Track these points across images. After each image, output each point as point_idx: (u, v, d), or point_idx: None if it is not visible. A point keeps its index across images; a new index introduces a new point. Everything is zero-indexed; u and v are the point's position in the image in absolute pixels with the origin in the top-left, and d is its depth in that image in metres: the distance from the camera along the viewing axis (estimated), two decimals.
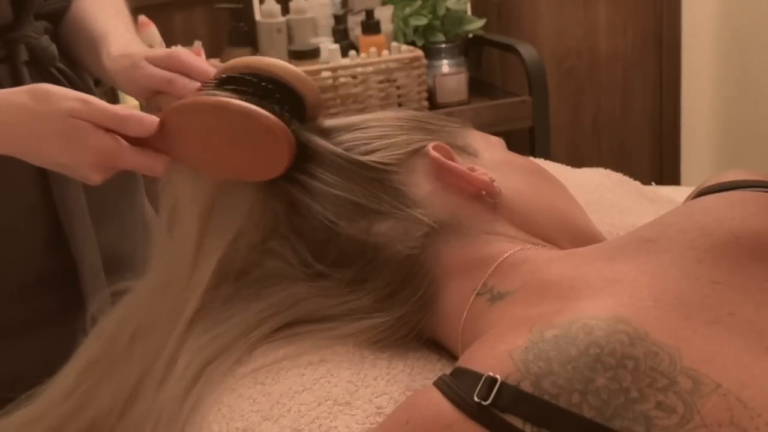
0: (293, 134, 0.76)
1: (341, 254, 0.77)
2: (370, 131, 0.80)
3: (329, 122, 0.83)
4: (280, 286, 0.79)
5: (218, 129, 0.76)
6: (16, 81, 0.97)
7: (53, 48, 1.01)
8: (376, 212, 0.76)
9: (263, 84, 0.78)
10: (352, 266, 0.77)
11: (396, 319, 0.76)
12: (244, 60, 0.80)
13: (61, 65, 1.03)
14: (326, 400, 0.70)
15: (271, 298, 0.78)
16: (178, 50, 0.88)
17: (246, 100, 0.75)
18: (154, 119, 0.78)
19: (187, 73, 0.86)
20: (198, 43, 1.95)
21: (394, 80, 1.98)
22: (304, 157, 0.78)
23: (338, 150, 0.78)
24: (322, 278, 0.78)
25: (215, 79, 0.80)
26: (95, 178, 0.81)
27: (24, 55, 0.99)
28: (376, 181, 0.77)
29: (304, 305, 0.78)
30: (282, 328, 0.78)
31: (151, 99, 0.89)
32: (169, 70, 0.87)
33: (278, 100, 0.77)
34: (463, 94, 2.14)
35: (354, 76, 1.95)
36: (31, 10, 1.00)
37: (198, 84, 0.84)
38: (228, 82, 0.79)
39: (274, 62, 0.78)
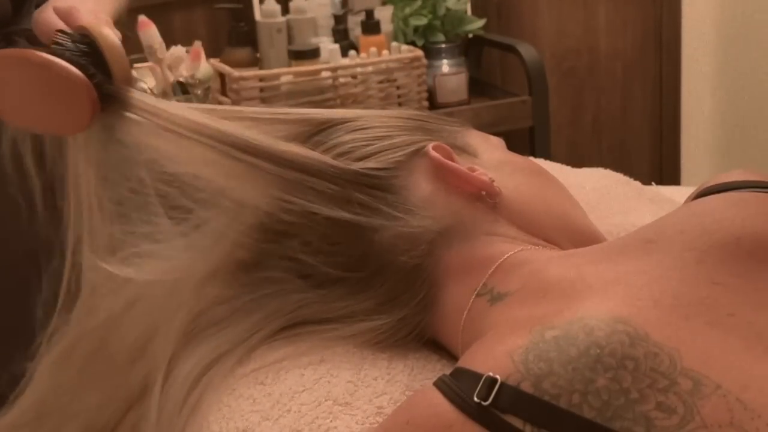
0: (96, 88, 0.77)
1: (343, 275, 0.77)
2: (370, 131, 0.80)
3: (329, 114, 0.82)
4: (280, 293, 0.79)
5: (25, 81, 0.78)
6: None
7: None
8: (376, 219, 0.75)
9: (81, 45, 0.79)
10: (354, 278, 0.77)
11: (397, 321, 0.76)
12: (88, 22, 0.82)
13: None
14: (326, 400, 0.70)
15: (272, 305, 0.78)
16: (80, 8, 0.90)
17: (55, 53, 0.76)
18: None
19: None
20: (198, 43, 1.94)
21: (394, 80, 1.98)
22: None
23: (332, 161, 0.76)
24: (323, 287, 0.78)
25: (57, 35, 0.81)
26: None
27: None
28: (376, 187, 0.76)
29: (306, 309, 0.78)
30: (283, 329, 0.78)
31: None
32: (65, 23, 0.88)
33: (90, 61, 0.78)
34: (463, 94, 2.13)
35: (354, 76, 1.95)
36: (32, 2, 1.00)
37: None
38: (62, 39, 0.80)
39: (100, 29, 0.80)
